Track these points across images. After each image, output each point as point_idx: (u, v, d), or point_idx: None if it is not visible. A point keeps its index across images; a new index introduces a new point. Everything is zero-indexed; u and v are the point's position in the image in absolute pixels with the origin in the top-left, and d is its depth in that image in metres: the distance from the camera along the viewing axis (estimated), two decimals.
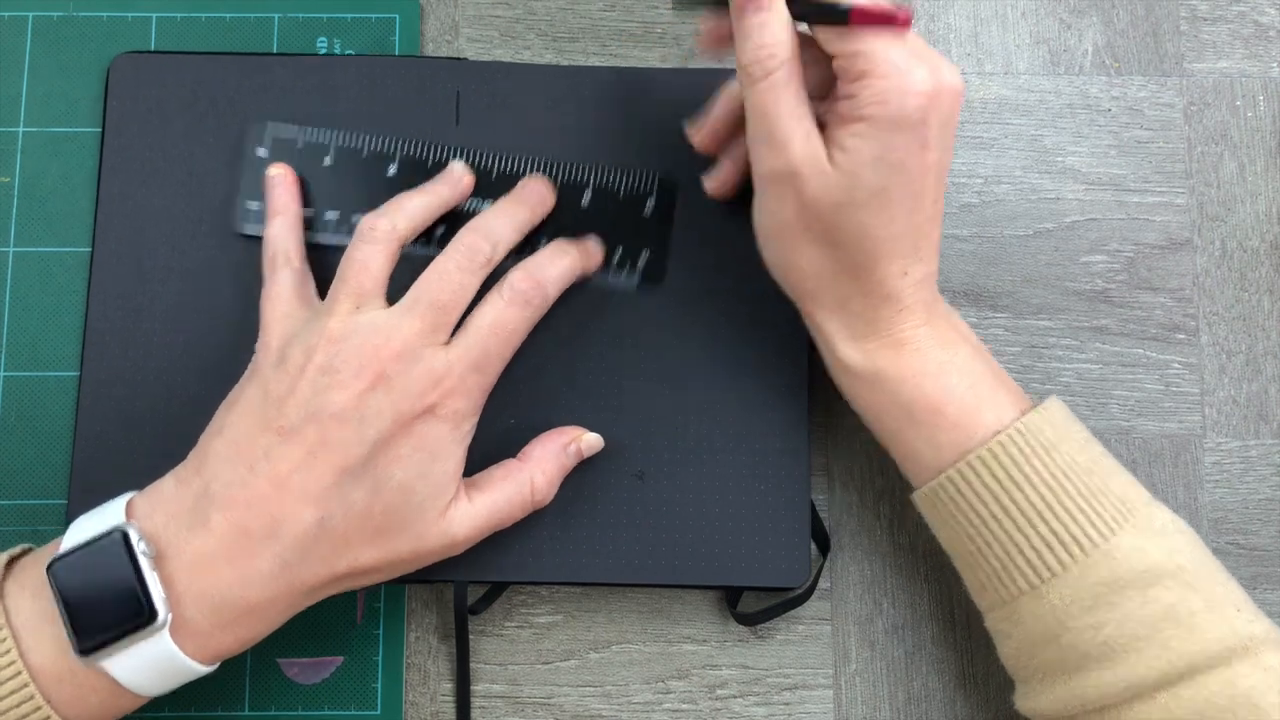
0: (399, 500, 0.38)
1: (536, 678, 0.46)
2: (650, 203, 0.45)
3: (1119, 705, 0.37)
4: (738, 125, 0.43)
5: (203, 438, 0.39)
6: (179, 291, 0.46)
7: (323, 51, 0.49)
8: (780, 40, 0.38)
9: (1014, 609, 0.40)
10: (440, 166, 0.46)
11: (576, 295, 0.46)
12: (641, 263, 0.46)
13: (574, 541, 0.45)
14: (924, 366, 0.40)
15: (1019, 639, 0.40)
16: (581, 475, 0.45)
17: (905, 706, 0.46)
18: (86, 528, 0.37)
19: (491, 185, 0.45)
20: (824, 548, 0.46)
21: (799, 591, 0.45)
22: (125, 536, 0.36)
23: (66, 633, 0.36)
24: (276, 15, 0.49)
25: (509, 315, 0.41)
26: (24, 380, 0.47)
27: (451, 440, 0.39)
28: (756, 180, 0.41)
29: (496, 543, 0.44)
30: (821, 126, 0.39)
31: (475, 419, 0.41)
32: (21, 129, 0.48)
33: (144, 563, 0.36)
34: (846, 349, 0.41)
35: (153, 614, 0.36)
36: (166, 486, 0.38)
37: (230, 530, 0.37)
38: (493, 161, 0.46)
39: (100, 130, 0.48)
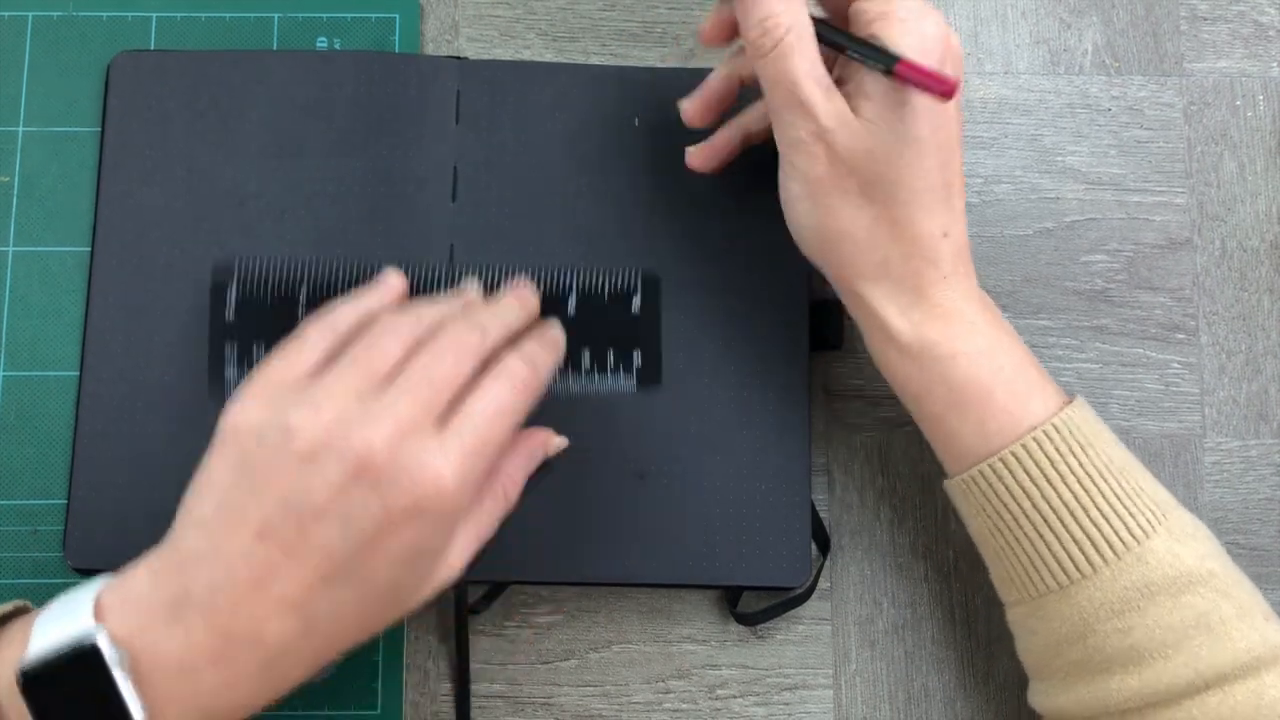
0: (389, 596, 0.36)
1: (536, 678, 0.46)
2: (636, 300, 0.44)
3: (1143, 709, 0.37)
4: (728, 101, 0.44)
5: (178, 521, 0.36)
6: (179, 291, 0.46)
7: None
8: (784, 6, 0.38)
9: (1039, 606, 0.39)
10: (426, 282, 0.45)
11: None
12: (636, 365, 0.44)
13: (574, 541, 0.45)
14: (976, 344, 0.40)
15: (1043, 636, 0.40)
16: (582, 475, 0.45)
17: (905, 706, 0.46)
18: (53, 631, 0.34)
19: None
20: (824, 548, 0.46)
21: (799, 591, 0.45)
22: (95, 650, 0.33)
23: None
24: (276, 15, 0.49)
25: (507, 400, 0.37)
26: (24, 380, 0.47)
27: (443, 536, 0.36)
28: (782, 148, 0.40)
29: (496, 542, 0.44)
30: (839, 82, 0.39)
31: (470, 508, 0.37)
32: (21, 129, 0.48)
33: (116, 674, 0.33)
34: (896, 320, 0.40)
35: None
36: (140, 582, 0.35)
37: (212, 636, 0.34)
38: (478, 273, 0.43)
39: (100, 129, 0.48)
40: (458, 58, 0.49)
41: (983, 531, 0.41)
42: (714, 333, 0.46)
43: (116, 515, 0.44)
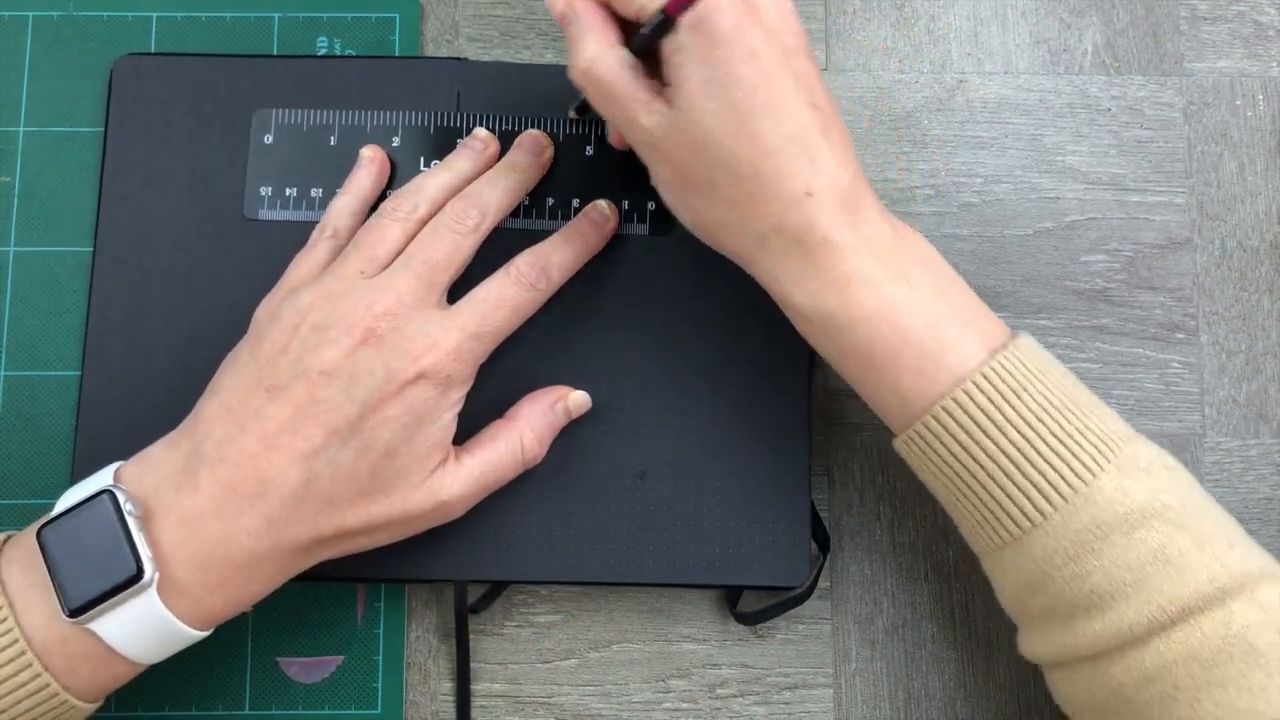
0: (384, 463, 0.38)
1: (536, 677, 0.46)
2: None
3: (1111, 652, 0.36)
4: None
5: (199, 401, 0.39)
6: (180, 291, 0.46)
7: (323, 51, 0.49)
8: (591, 41, 0.39)
9: (1000, 557, 0.38)
10: (441, 133, 0.47)
11: (577, 297, 0.46)
12: (650, 210, 0.46)
13: (574, 541, 0.45)
14: (877, 306, 0.37)
15: (1010, 587, 0.39)
16: (581, 475, 0.45)
17: (905, 706, 0.46)
18: (75, 495, 0.37)
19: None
20: (824, 547, 0.46)
21: (799, 591, 0.45)
22: (112, 497, 0.36)
23: (56, 595, 0.35)
24: (276, 15, 0.49)
25: (512, 293, 0.41)
26: (24, 380, 0.47)
27: (441, 406, 0.39)
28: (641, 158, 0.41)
29: (496, 542, 0.44)
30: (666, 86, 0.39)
31: (466, 388, 0.40)
32: (21, 129, 0.48)
33: (130, 522, 0.36)
34: (792, 293, 0.39)
35: (139, 572, 0.35)
36: (157, 450, 0.39)
37: (218, 488, 0.37)
38: (495, 123, 0.47)
39: (102, 130, 0.48)
40: (458, 58, 0.49)
41: (935, 487, 0.40)
42: (714, 333, 0.46)
43: None
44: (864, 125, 0.50)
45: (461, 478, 0.40)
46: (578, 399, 0.44)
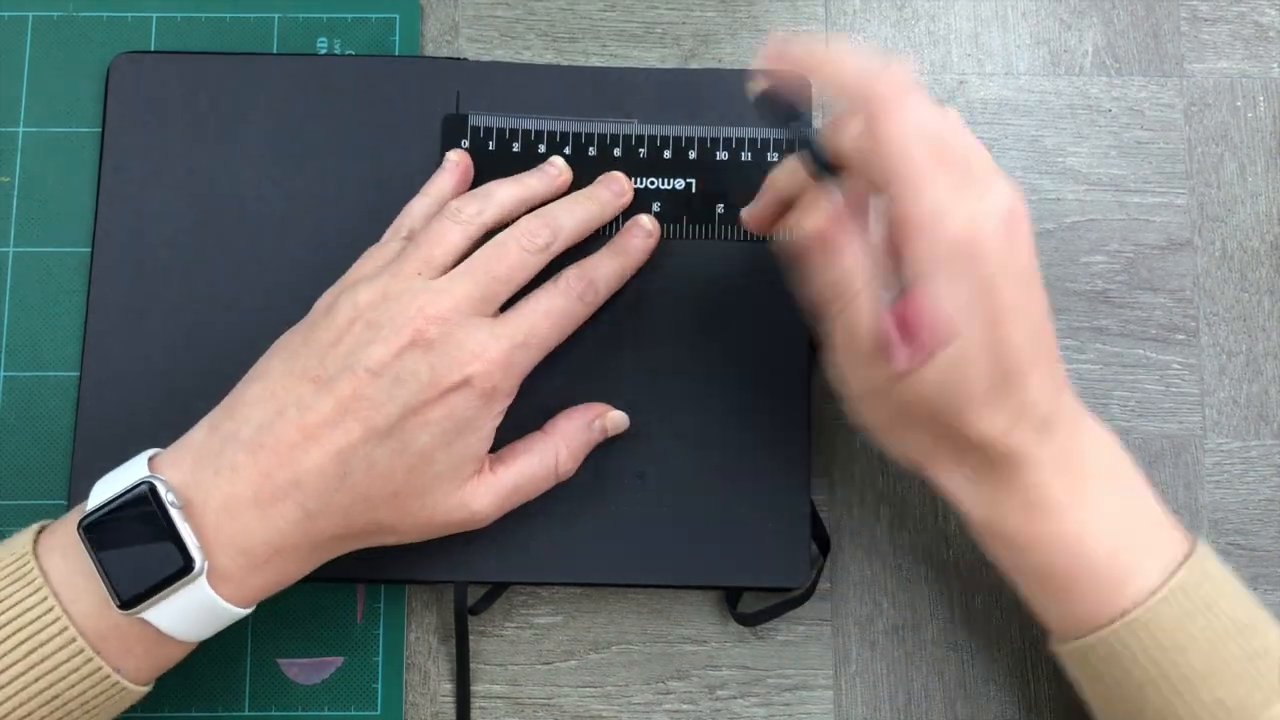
0: (420, 466, 0.38)
1: (536, 678, 0.46)
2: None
3: None
4: (785, 207, 0.42)
5: (243, 380, 0.40)
6: (179, 291, 0.46)
7: (323, 51, 0.49)
8: (852, 266, 0.37)
9: None
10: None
11: None
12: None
13: (574, 541, 0.45)
14: (1060, 532, 0.38)
15: None
16: (582, 475, 0.45)
17: (905, 707, 0.46)
18: (111, 486, 0.37)
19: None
20: (824, 548, 0.46)
21: (799, 591, 0.45)
22: (153, 489, 0.36)
23: (106, 589, 0.36)
24: (276, 15, 0.49)
25: (561, 304, 0.41)
26: (24, 380, 0.47)
27: (482, 416, 0.39)
28: (851, 390, 0.40)
29: (496, 543, 0.44)
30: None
31: (509, 400, 0.40)
32: (21, 129, 0.48)
33: (175, 514, 0.36)
34: (975, 510, 0.39)
35: (189, 564, 0.36)
36: (198, 434, 0.39)
37: (256, 474, 0.37)
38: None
39: (100, 130, 0.48)
40: (457, 59, 0.49)
41: (1099, 699, 0.39)
42: (714, 333, 0.46)
43: None
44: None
45: (495, 489, 0.41)
46: (615, 419, 0.45)
